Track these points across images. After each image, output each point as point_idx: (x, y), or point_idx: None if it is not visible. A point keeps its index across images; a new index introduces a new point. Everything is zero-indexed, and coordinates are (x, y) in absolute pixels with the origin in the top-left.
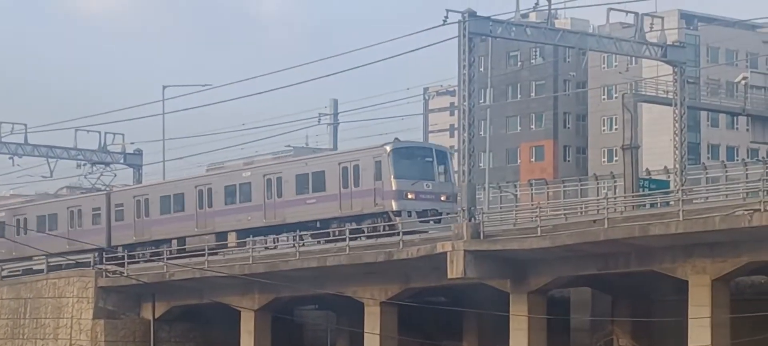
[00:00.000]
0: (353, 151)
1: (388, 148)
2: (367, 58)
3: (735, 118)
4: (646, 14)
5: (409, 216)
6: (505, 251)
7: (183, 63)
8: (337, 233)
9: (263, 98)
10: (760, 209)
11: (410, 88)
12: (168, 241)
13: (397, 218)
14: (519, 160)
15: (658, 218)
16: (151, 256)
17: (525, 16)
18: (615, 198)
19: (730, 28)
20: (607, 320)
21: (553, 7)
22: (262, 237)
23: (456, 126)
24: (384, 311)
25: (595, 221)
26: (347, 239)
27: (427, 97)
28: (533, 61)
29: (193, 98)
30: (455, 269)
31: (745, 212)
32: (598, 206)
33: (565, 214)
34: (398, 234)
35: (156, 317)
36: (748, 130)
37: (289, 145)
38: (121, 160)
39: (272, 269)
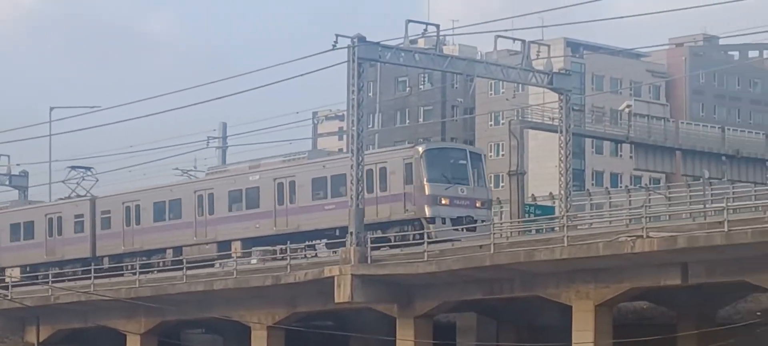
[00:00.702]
0: (380, 152)
1: (420, 149)
2: (257, 81)
3: (619, 145)
4: (533, 42)
5: (444, 223)
6: (393, 275)
7: (71, 84)
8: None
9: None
10: (642, 236)
11: (300, 112)
12: (162, 250)
13: (431, 225)
14: None
15: (543, 243)
16: (140, 267)
17: (414, 42)
18: (501, 223)
19: (615, 57)
20: (492, 345)
21: (441, 33)
22: (271, 246)
23: (345, 150)
24: (271, 335)
25: (481, 246)
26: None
27: (316, 122)
28: (422, 86)
29: (80, 120)
30: (342, 294)
31: (628, 239)
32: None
33: (451, 240)
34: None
35: (40, 341)
36: (631, 157)
37: (177, 168)
38: (7, 182)
39: (159, 293)
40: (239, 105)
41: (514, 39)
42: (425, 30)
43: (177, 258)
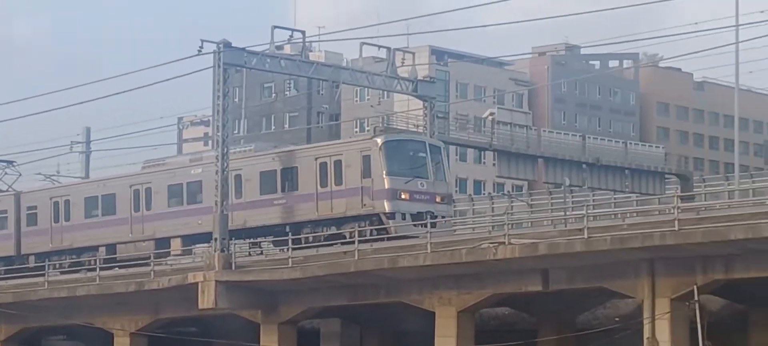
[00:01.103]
0: (335, 144)
1: (379, 140)
2: (122, 86)
3: (482, 152)
4: (398, 49)
5: (404, 219)
6: (257, 281)
7: None
8: (311, 238)
9: (14, 124)
10: (504, 243)
11: (164, 117)
12: (94, 248)
13: (390, 221)
14: None
15: (407, 250)
16: (70, 266)
17: (280, 48)
18: (368, 229)
19: (479, 65)
20: None
21: (307, 40)
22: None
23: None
24: (133, 342)
25: (345, 253)
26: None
27: (181, 127)
28: (287, 92)
29: None
30: (206, 300)
31: (490, 245)
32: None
33: (316, 246)
34: (384, 239)
35: None
36: (494, 164)
37: (40, 173)
38: None
39: (20, 299)
40: (104, 110)
41: (380, 46)
42: (291, 36)
43: (110, 256)
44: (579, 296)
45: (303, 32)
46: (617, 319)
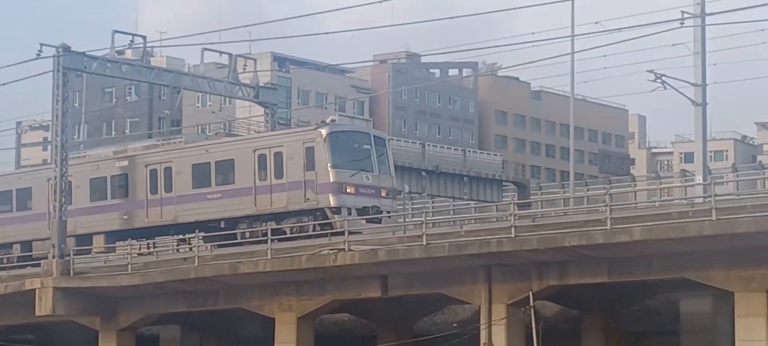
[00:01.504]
0: (274, 135)
1: (323, 131)
2: None
3: None
4: (240, 56)
5: (349, 214)
6: (96, 288)
7: None
8: (248, 234)
9: None
10: (344, 249)
11: (2, 121)
12: (8, 245)
13: (335, 216)
14: None
15: (247, 256)
16: None
17: (121, 52)
18: (196, 236)
19: (321, 72)
20: None
21: (148, 45)
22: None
23: (49, 161)
24: None
25: (185, 259)
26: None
27: (19, 132)
28: (128, 98)
29: None
30: (43, 307)
31: (330, 252)
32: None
33: (156, 252)
34: (328, 236)
35: None
36: None
37: None
38: None
39: None
40: None
41: (222, 52)
42: (132, 41)
43: (25, 253)
44: (418, 301)
45: (144, 37)
46: (455, 324)
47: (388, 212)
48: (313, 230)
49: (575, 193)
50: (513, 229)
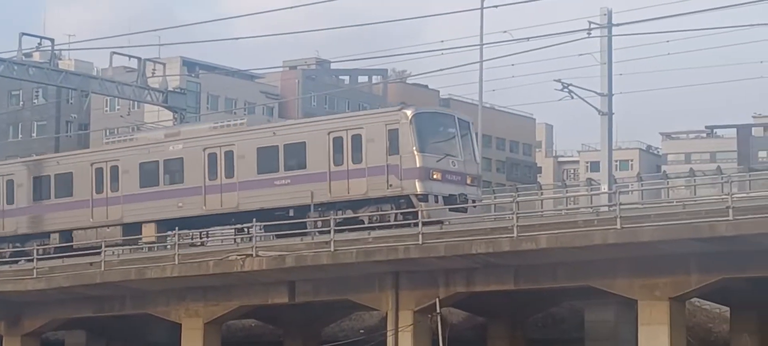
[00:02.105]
0: (351, 116)
1: (408, 112)
2: None
3: None
4: (149, 60)
5: (436, 202)
6: (0, 293)
7: None
8: (320, 223)
9: None
10: (252, 255)
11: None
12: (46, 235)
13: (422, 204)
14: None
15: (154, 261)
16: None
17: (28, 55)
18: (105, 242)
19: (230, 78)
20: None
21: (56, 48)
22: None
23: None
24: None
25: (91, 264)
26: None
27: None
28: (36, 101)
29: None
30: None
31: (238, 257)
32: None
33: (61, 256)
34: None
35: None
36: None
37: None
38: None
39: None
40: None
41: (131, 56)
42: (40, 43)
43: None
44: (325, 308)
45: (52, 40)
46: (362, 331)
47: (474, 202)
48: (396, 219)
49: (483, 201)
50: (420, 236)
